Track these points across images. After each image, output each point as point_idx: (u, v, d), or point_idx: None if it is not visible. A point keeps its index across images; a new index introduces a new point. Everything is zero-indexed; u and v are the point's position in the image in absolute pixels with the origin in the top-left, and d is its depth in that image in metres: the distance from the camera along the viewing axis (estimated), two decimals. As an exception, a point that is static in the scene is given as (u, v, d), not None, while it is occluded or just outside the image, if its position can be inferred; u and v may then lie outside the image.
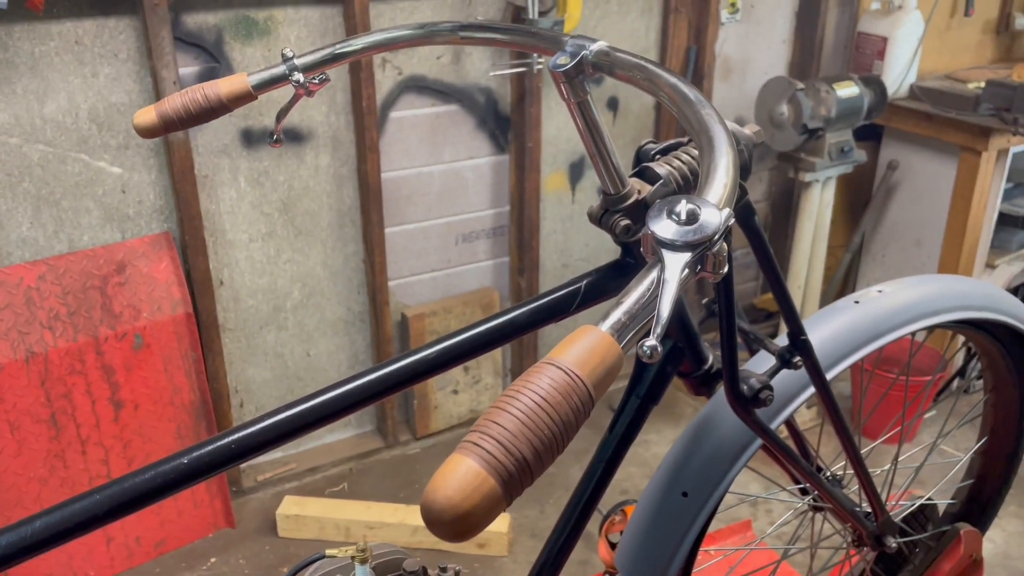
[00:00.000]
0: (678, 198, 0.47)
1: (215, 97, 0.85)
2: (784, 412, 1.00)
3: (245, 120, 2.11)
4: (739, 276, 3.14)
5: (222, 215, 2.17)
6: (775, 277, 0.85)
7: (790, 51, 2.84)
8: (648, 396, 0.91)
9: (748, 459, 1.00)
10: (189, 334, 2.12)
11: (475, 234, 2.53)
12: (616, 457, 0.92)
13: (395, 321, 2.47)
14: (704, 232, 0.45)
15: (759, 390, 0.89)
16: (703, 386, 0.95)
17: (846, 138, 2.38)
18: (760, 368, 0.93)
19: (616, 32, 2.51)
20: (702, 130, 0.55)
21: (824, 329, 1.00)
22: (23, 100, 1.89)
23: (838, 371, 0.98)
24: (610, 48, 0.69)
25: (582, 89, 0.71)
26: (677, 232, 0.46)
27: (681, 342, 0.90)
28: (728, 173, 0.50)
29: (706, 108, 0.57)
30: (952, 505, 1.38)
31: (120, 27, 1.93)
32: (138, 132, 0.86)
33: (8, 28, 1.83)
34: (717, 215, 0.46)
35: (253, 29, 2.06)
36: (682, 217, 0.46)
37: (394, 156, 2.32)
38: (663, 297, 0.45)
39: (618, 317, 0.45)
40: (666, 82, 0.61)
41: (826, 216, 2.52)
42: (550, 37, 0.75)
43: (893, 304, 1.02)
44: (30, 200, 1.97)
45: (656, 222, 0.46)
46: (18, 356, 1.94)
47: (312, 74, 0.87)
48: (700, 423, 1.00)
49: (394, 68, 2.25)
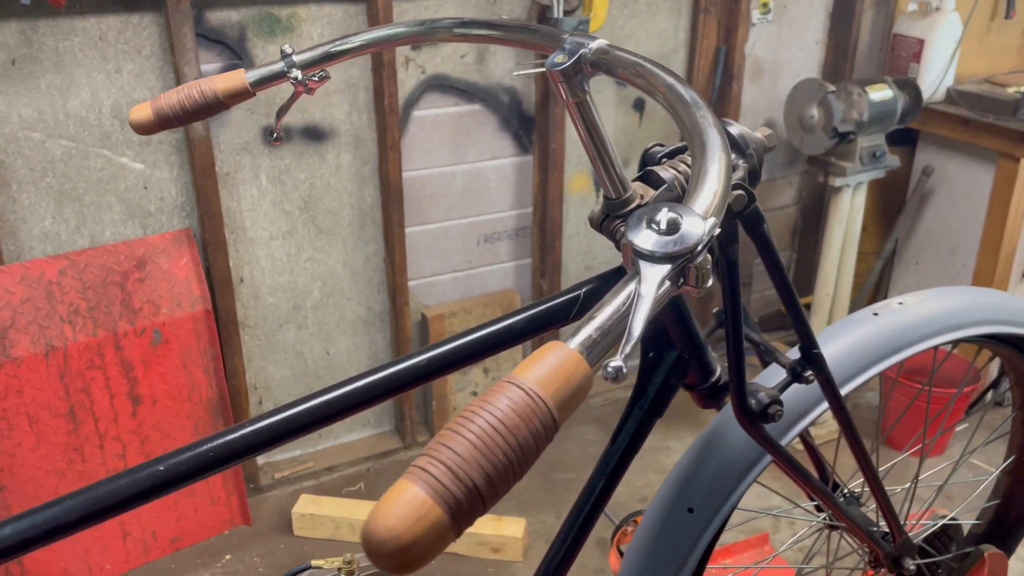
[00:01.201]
0: (660, 206, 0.44)
1: (212, 94, 0.83)
2: (796, 427, 0.96)
3: (267, 117, 2.11)
4: (767, 281, 3.07)
5: (243, 212, 2.17)
6: (785, 288, 0.81)
7: (823, 53, 2.78)
8: (651, 409, 0.88)
9: (757, 475, 0.96)
10: (208, 331, 2.12)
11: (497, 235, 2.50)
12: (618, 471, 0.89)
13: (415, 321, 2.46)
14: (685, 243, 0.42)
15: (768, 405, 0.85)
16: (711, 399, 0.92)
17: (878, 142, 2.31)
18: (771, 381, 0.90)
19: (644, 32, 2.47)
20: (695, 133, 0.52)
21: (840, 342, 0.96)
22: (47, 95, 1.90)
23: (854, 386, 0.94)
24: (609, 46, 0.67)
25: (581, 89, 0.69)
26: (656, 243, 0.42)
27: (687, 353, 0.87)
28: (719, 180, 0.47)
29: (701, 110, 0.54)
30: (977, 525, 1.33)
31: (144, 23, 1.93)
32: (134, 128, 0.84)
33: (32, 23, 1.84)
34: (700, 225, 0.43)
35: (276, 26, 2.05)
36: (662, 226, 0.43)
37: (416, 155, 2.31)
38: (636, 313, 0.42)
39: (589, 333, 0.42)
40: (662, 82, 0.58)
41: (857, 222, 2.46)
42: (550, 34, 0.72)
43: (914, 317, 0.97)
44: (53, 195, 1.98)
45: (635, 231, 0.43)
46: (38, 350, 1.96)
47: (311, 71, 0.85)
48: (708, 437, 0.96)
49: (417, 67, 2.23)
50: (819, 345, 0.87)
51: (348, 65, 2.14)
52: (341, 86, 2.16)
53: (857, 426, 0.95)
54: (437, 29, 0.80)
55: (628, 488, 2.40)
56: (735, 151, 0.77)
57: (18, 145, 1.91)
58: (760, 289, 3.08)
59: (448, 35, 0.80)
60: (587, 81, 0.69)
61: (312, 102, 2.14)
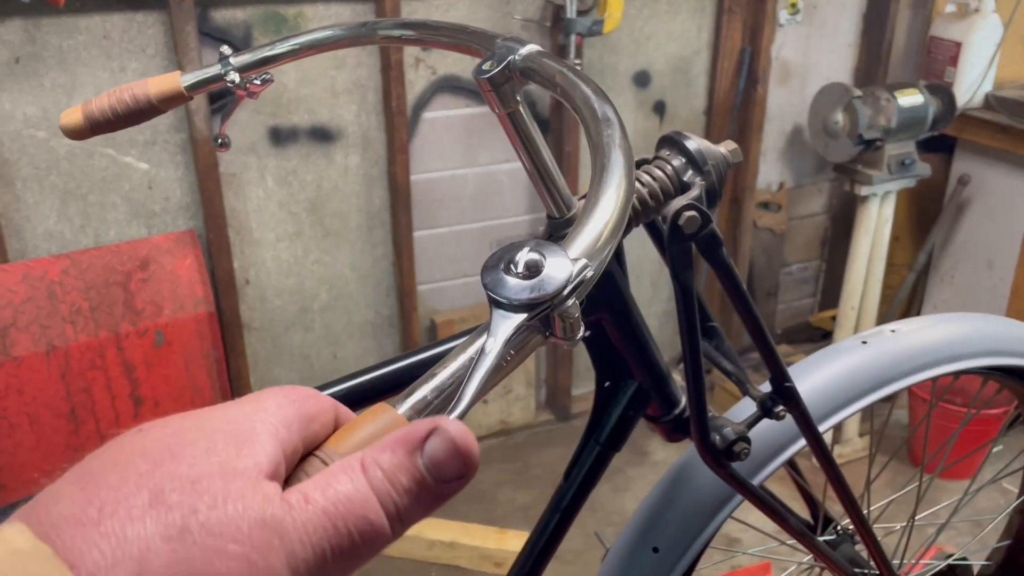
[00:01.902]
0: (521, 243, 0.38)
1: (144, 98, 0.79)
2: (773, 463, 0.89)
3: (274, 118, 2.08)
4: (795, 291, 2.98)
5: (249, 213, 2.14)
6: (751, 316, 0.74)
7: (856, 55, 2.67)
8: (608, 443, 0.81)
9: (730, 513, 0.89)
10: (211, 333, 2.10)
11: (509, 240, 2.44)
12: (572, 508, 0.83)
13: (424, 327, 2.41)
14: (543, 289, 0.36)
15: (733, 442, 0.78)
16: (677, 431, 0.85)
17: (908, 150, 2.21)
18: (741, 416, 0.83)
19: (664, 33, 2.39)
20: (598, 153, 0.45)
21: (822, 373, 0.88)
22: (51, 94, 1.89)
23: (834, 422, 0.87)
24: (539, 52, 0.60)
25: (512, 98, 0.63)
26: (511, 287, 0.36)
27: (646, 383, 0.80)
28: (610, 212, 0.41)
29: (611, 128, 0.47)
30: (987, 567, 1.23)
31: (148, 22, 1.91)
32: (64, 133, 0.80)
33: (36, 22, 1.83)
34: (567, 268, 0.37)
35: (282, 25, 2.02)
36: (519, 268, 0.37)
37: (426, 158, 2.26)
38: (474, 372, 0.36)
39: (424, 395, 0.36)
40: (579, 93, 0.52)
41: (885, 233, 2.35)
42: (484, 37, 0.66)
43: (906, 346, 0.89)
44: (57, 194, 1.97)
45: (489, 274, 0.37)
46: (39, 349, 1.95)
47: (250, 74, 0.80)
48: (677, 471, 0.90)
49: (428, 68, 2.18)
50: (794, 377, 0.80)
51: (357, 65, 2.11)
52: (350, 87, 2.12)
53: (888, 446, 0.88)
54: (376, 30, 0.74)
55: (634, 501, 2.32)
56: (693, 167, 0.70)
57: (22, 143, 1.90)
58: (787, 300, 2.98)
59: (386, 37, 0.74)
60: (519, 90, 0.63)
61: (320, 103, 2.11)
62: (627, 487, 2.38)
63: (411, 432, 0.31)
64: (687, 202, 0.67)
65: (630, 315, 0.76)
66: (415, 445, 0.31)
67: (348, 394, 0.71)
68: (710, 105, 2.52)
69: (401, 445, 0.31)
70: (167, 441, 0.31)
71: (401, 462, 0.31)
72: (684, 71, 2.46)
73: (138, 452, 0.30)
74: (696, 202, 0.68)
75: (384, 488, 0.30)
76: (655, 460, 2.48)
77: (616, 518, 2.25)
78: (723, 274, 0.72)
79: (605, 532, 1.33)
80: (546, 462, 2.50)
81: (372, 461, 0.31)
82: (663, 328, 2.76)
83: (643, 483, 2.38)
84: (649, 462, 2.47)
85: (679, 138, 0.71)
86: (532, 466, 2.48)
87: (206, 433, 0.31)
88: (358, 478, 0.30)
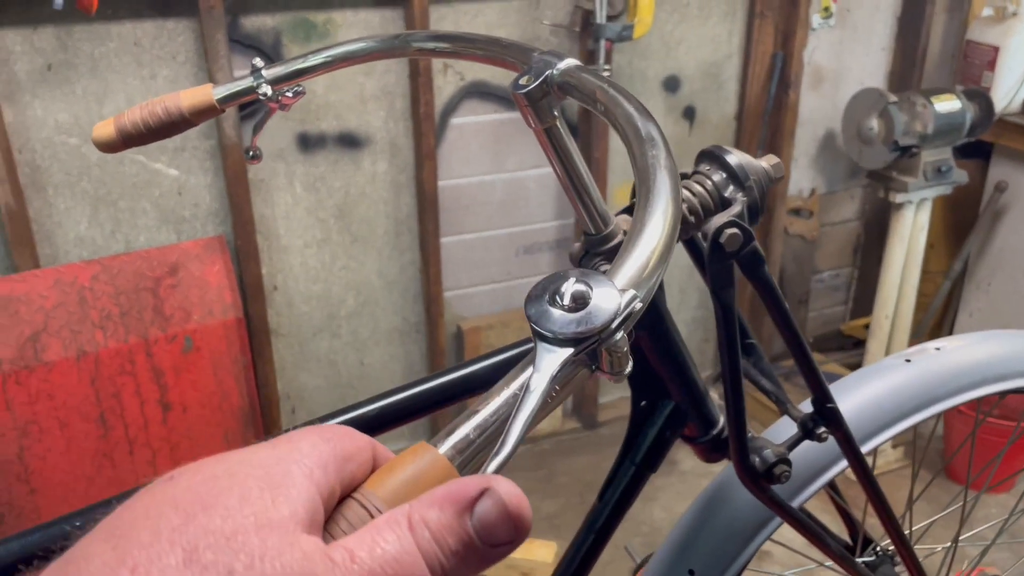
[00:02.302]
0: (566, 274, 0.36)
1: (176, 111, 0.78)
2: (814, 485, 0.86)
3: (302, 125, 2.08)
4: (826, 299, 2.94)
5: (277, 220, 2.14)
6: (793, 336, 0.72)
7: (890, 60, 2.62)
8: (644, 463, 0.79)
9: (768, 536, 0.87)
10: (239, 339, 2.10)
11: (537, 246, 2.43)
12: (607, 529, 0.81)
13: (450, 333, 2.40)
14: (591, 323, 0.34)
15: (773, 464, 0.76)
16: (715, 452, 0.83)
17: (944, 156, 2.16)
18: (781, 436, 0.80)
19: (695, 38, 2.36)
20: (643, 175, 0.44)
21: (864, 392, 0.86)
22: (83, 101, 1.90)
23: (877, 443, 0.84)
24: (578, 67, 0.59)
25: (549, 113, 0.61)
26: (557, 320, 0.35)
27: (684, 403, 0.78)
28: (657, 239, 0.39)
29: (656, 148, 0.45)
30: (1031, 589, 1.20)
31: (178, 29, 1.92)
32: (97, 146, 0.80)
33: (68, 29, 1.84)
34: (614, 299, 0.35)
35: (312, 32, 2.02)
36: (564, 301, 0.35)
37: (454, 164, 2.25)
38: (519, 411, 0.34)
39: (465, 433, 0.35)
40: (622, 111, 0.50)
41: (920, 241, 2.31)
42: (520, 51, 0.65)
43: (951, 365, 0.87)
44: (88, 200, 1.98)
45: (534, 304, 0.35)
46: (69, 355, 1.96)
47: (282, 87, 0.79)
48: (714, 491, 0.87)
49: (456, 73, 2.17)
50: (835, 396, 0.77)
51: (385, 72, 2.10)
52: (378, 93, 2.11)
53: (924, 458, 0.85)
54: (409, 43, 0.73)
55: (668, 515, 2.30)
56: (734, 183, 0.68)
57: (54, 150, 1.91)
58: (819, 307, 2.94)
59: (419, 50, 0.73)
60: (557, 105, 0.61)
61: (348, 109, 2.10)
62: (655, 497, 2.35)
63: (462, 490, 0.30)
64: (728, 219, 0.65)
65: (668, 334, 0.74)
66: (465, 505, 0.30)
67: (379, 415, 0.70)
68: (741, 110, 2.49)
69: (451, 504, 0.30)
70: (199, 490, 0.29)
71: (450, 523, 0.29)
72: (714, 76, 2.43)
73: (169, 503, 0.29)
74: (738, 219, 0.66)
75: (432, 550, 0.29)
76: (683, 470, 2.45)
77: (644, 528, 2.22)
78: (765, 292, 0.70)
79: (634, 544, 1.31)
80: (572, 471, 2.47)
81: (420, 519, 0.29)
82: (691, 335, 2.73)
83: (671, 493, 2.36)
84: (677, 472, 2.45)
85: (719, 152, 0.69)
86: (558, 474, 2.46)
87: (239, 480, 0.30)
88: (405, 537, 0.29)
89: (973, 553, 1.09)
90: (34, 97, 1.85)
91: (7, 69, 1.81)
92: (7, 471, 1.97)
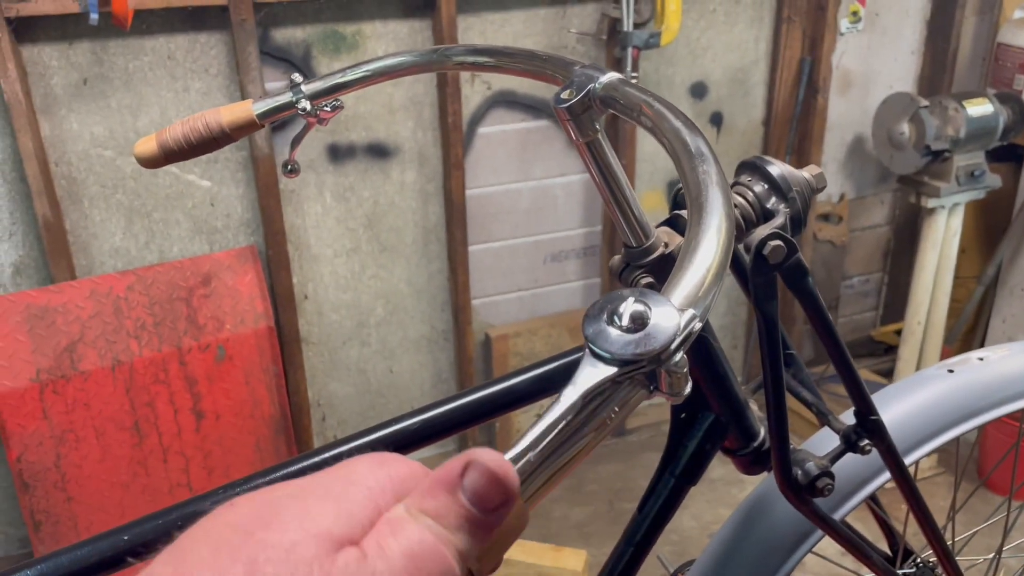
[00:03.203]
0: (626, 293, 0.36)
1: (217, 126, 0.79)
2: (855, 497, 0.86)
3: (332, 135, 2.09)
4: (856, 304, 2.91)
5: (307, 229, 2.16)
6: (837, 349, 0.72)
7: (919, 63, 2.60)
8: (684, 476, 0.79)
9: (809, 549, 0.86)
10: (271, 348, 2.12)
11: (564, 253, 2.43)
12: (646, 542, 0.81)
13: (478, 341, 2.41)
14: (650, 345, 0.34)
15: (816, 477, 0.76)
16: (755, 464, 0.83)
17: (977, 161, 2.14)
18: (822, 448, 0.80)
19: (721, 44, 2.35)
20: (694, 192, 0.44)
21: (907, 403, 0.85)
22: (117, 114, 1.93)
23: (920, 455, 0.83)
24: (620, 81, 0.59)
25: (591, 127, 0.61)
26: (615, 341, 0.35)
27: (724, 415, 0.78)
28: (712, 256, 0.39)
29: (706, 163, 0.45)
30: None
31: (211, 42, 1.94)
32: (139, 162, 0.81)
33: (103, 44, 1.87)
34: (673, 319, 0.35)
35: (341, 44, 2.03)
36: (623, 321, 0.35)
37: (481, 172, 2.26)
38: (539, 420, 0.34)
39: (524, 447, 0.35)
40: (669, 126, 0.50)
41: (953, 246, 2.28)
42: (561, 64, 0.65)
43: (995, 375, 0.86)
44: (123, 211, 2.01)
45: (592, 324, 0.35)
46: (105, 364, 1.99)
47: (320, 101, 0.80)
48: (752, 504, 0.87)
49: (483, 83, 2.18)
50: (880, 409, 0.77)
51: (413, 82, 2.11)
52: (406, 103, 2.13)
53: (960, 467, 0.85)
54: (448, 57, 0.74)
55: (697, 523, 2.28)
56: (776, 194, 0.68)
57: (90, 163, 1.94)
58: (848, 313, 2.91)
59: (458, 64, 0.74)
60: (599, 119, 0.61)
61: (377, 119, 2.12)
62: (685, 505, 2.32)
63: (447, 472, 0.31)
64: (771, 231, 0.65)
65: (709, 346, 0.74)
66: (454, 483, 0.31)
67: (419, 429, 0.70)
68: (768, 116, 2.48)
69: (440, 486, 0.31)
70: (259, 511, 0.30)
71: (446, 503, 0.31)
72: (741, 82, 2.42)
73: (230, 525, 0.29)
74: (780, 230, 0.66)
75: (439, 533, 0.30)
76: (713, 477, 2.43)
77: (674, 536, 2.21)
78: (808, 304, 0.70)
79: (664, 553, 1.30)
80: (601, 478, 2.47)
81: (417, 511, 0.31)
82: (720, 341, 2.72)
83: (700, 500, 2.34)
84: (707, 479, 2.42)
85: (761, 163, 0.69)
86: (587, 482, 2.46)
87: (299, 499, 0.31)
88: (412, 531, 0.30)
89: (1016, 565, 1.08)
90: (70, 111, 1.88)
91: (44, 84, 1.84)
92: (45, 479, 2.00)
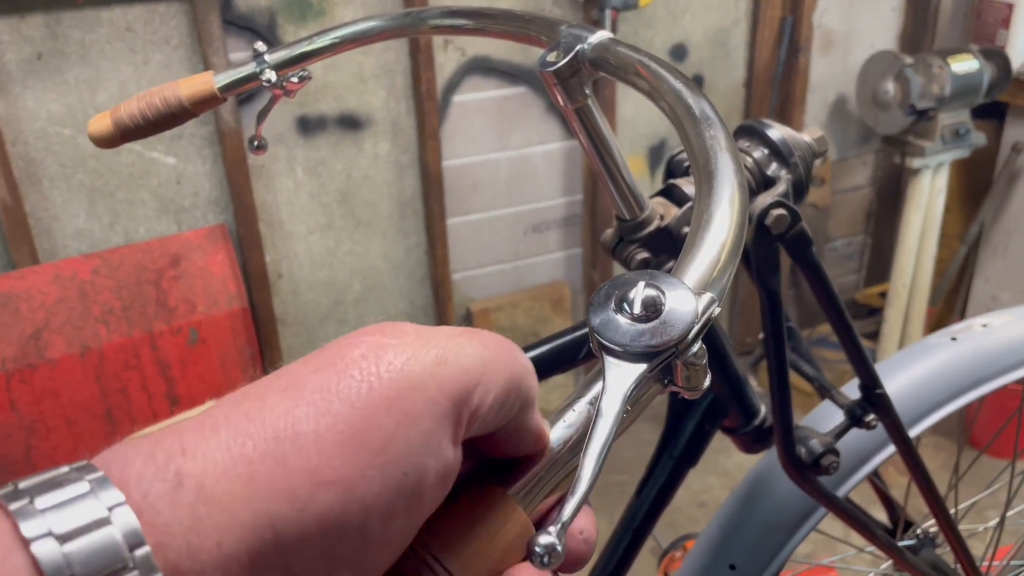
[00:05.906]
0: (635, 277, 0.31)
1: (176, 101, 0.74)
2: (858, 473, 0.82)
3: (301, 107, 2.02)
4: (840, 267, 2.89)
5: (279, 206, 2.09)
6: (841, 320, 0.68)
7: (901, 20, 2.56)
8: (683, 457, 0.75)
9: (812, 528, 0.83)
10: (245, 329, 2.06)
11: (545, 224, 2.38)
12: (645, 526, 0.77)
13: (460, 315, 2.36)
14: (667, 335, 0.30)
15: (821, 455, 0.72)
16: (756, 443, 0.79)
17: (962, 119, 2.11)
18: (825, 424, 0.76)
19: (701, 4, 2.29)
20: (700, 159, 0.39)
21: (910, 373, 0.82)
22: (75, 90, 1.84)
23: (925, 427, 0.80)
24: (611, 40, 0.54)
25: (581, 92, 0.56)
26: (626, 332, 0.30)
27: (724, 394, 0.74)
28: (726, 231, 0.34)
29: (712, 128, 0.41)
30: (1075, 566, 1.16)
31: (171, 12, 1.86)
32: (94, 142, 0.75)
33: (57, 16, 1.78)
34: (690, 304, 0.30)
35: (307, 11, 1.96)
36: (635, 309, 0.30)
37: (458, 143, 2.19)
38: (591, 441, 0.30)
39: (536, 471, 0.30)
40: (668, 87, 0.45)
41: (937, 206, 2.26)
42: (546, 25, 0.60)
43: (1000, 342, 0.82)
44: (85, 192, 1.93)
45: (598, 313, 0.31)
46: (73, 351, 1.92)
47: (286, 72, 0.75)
48: (753, 482, 0.84)
49: (457, 49, 2.11)
50: (883, 381, 0.73)
51: (384, 49, 2.04)
52: (377, 72, 2.06)
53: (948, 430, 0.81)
54: (423, 20, 0.68)
55: (686, 491, 2.27)
56: (777, 159, 0.63)
57: (48, 141, 1.86)
58: (832, 276, 2.87)
59: (434, 27, 0.68)
60: (588, 83, 0.56)
61: (348, 89, 2.05)
62: (672, 474, 2.32)
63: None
64: (774, 199, 0.61)
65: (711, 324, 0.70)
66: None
67: None
68: (750, 77, 2.43)
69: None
70: None
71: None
72: (722, 43, 2.37)
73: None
74: (783, 198, 0.61)
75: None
76: (700, 446, 2.41)
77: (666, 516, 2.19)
78: (812, 275, 0.65)
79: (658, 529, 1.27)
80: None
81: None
82: (704, 309, 2.69)
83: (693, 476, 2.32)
84: (694, 448, 2.41)
85: (760, 127, 0.65)
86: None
87: None
88: None
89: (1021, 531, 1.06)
90: (25, 88, 1.80)
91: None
92: (15, 471, 1.94)
